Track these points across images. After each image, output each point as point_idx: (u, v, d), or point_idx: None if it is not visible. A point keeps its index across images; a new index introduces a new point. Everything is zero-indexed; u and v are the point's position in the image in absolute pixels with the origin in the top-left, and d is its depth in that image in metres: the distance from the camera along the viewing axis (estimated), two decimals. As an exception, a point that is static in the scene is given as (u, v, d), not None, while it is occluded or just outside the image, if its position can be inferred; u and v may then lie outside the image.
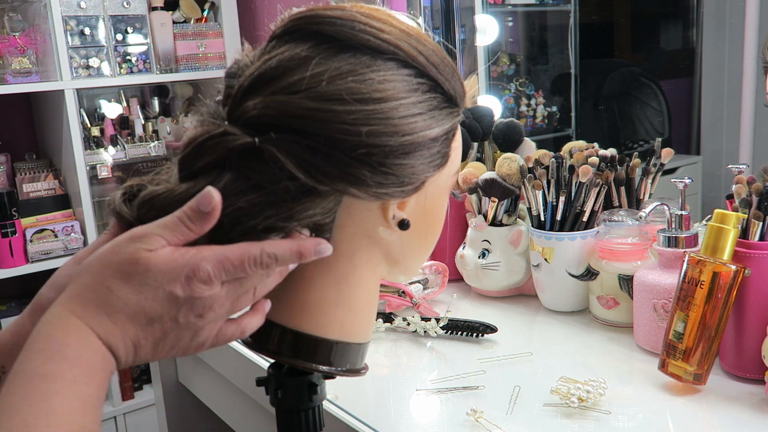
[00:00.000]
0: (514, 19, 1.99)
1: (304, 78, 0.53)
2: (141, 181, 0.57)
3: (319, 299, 0.60)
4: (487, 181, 1.05)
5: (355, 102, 0.53)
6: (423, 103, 0.56)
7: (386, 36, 0.55)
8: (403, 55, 0.56)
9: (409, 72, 0.56)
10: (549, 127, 2.00)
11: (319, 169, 0.53)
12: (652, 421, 0.71)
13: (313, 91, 0.53)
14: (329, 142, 0.52)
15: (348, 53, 0.55)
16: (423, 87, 0.57)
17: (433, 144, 0.58)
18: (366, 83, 0.54)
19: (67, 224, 2.01)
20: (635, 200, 1.05)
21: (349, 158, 0.53)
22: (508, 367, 0.86)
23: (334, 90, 0.53)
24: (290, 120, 0.52)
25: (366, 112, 0.53)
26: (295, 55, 0.54)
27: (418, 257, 0.66)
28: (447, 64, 0.59)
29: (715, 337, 0.73)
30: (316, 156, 0.53)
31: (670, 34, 1.98)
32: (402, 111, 0.55)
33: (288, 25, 0.57)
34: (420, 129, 0.56)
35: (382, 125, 0.54)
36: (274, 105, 0.53)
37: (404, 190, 0.57)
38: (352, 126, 0.53)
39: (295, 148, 0.52)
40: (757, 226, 0.74)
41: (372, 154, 0.54)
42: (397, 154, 0.55)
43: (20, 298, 2.23)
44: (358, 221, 0.59)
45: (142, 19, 2.09)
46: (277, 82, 0.54)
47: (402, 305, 1.03)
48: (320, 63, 0.54)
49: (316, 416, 0.64)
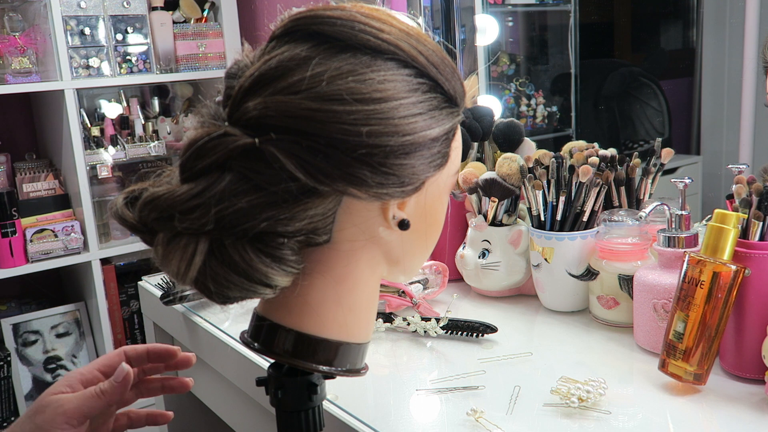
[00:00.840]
0: (514, 19, 1.99)
1: (304, 78, 0.53)
2: (143, 185, 0.57)
3: (319, 299, 0.60)
4: (487, 181, 1.05)
5: (355, 102, 0.53)
6: (423, 103, 0.56)
7: (386, 36, 0.55)
8: (403, 55, 0.56)
9: (409, 72, 0.56)
10: (549, 127, 2.00)
11: (320, 169, 0.53)
12: (652, 421, 0.71)
13: (313, 92, 0.53)
14: (329, 143, 0.52)
15: (348, 53, 0.55)
16: (423, 87, 0.57)
17: (433, 144, 0.58)
18: (366, 83, 0.53)
19: (67, 224, 2.01)
20: (635, 200, 1.05)
21: (350, 158, 0.53)
22: (508, 367, 0.86)
23: (334, 90, 0.53)
24: (290, 120, 0.52)
25: (366, 112, 0.53)
26: (295, 55, 0.54)
27: (418, 257, 0.66)
28: (447, 64, 0.59)
29: (715, 337, 0.73)
30: (317, 156, 0.53)
31: (670, 34, 1.98)
32: (402, 111, 0.55)
33: (288, 25, 0.57)
34: (420, 129, 0.56)
35: (382, 125, 0.54)
36: (274, 105, 0.53)
37: (404, 190, 0.57)
38: (352, 126, 0.53)
39: (296, 148, 0.52)
40: (757, 226, 0.74)
41: (372, 154, 0.54)
42: (398, 154, 0.55)
43: (20, 298, 2.23)
44: (358, 222, 0.59)
45: (142, 19, 2.09)
46: (277, 83, 0.54)
47: (402, 305, 1.03)
48: (320, 63, 0.54)
49: (316, 416, 0.64)
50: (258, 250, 0.54)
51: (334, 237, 0.58)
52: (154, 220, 0.54)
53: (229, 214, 0.52)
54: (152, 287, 1.24)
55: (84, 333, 2.16)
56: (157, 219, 0.54)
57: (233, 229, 0.53)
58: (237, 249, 0.54)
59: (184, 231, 0.53)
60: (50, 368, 2.10)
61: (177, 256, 0.54)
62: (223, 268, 0.54)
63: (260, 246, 0.54)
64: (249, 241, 0.54)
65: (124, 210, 0.56)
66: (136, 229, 0.56)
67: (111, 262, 2.15)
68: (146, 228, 0.56)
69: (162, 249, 0.55)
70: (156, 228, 0.55)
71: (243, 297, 0.57)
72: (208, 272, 0.54)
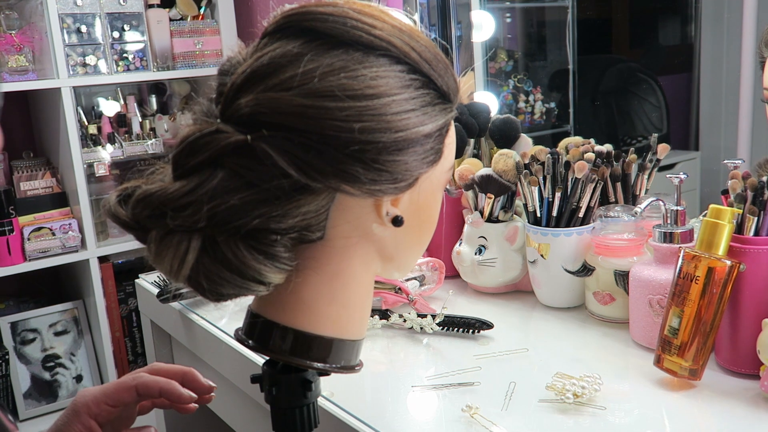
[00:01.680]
0: (512, 15, 1.99)
1: (296, 75, 0.53)
2: (136, 183, 0.57)
3: (313, 296, 0.60)
4: (484, 178, 1.05)
5: (347, 98, 0.53)
6: (416, 99, 0.56)
7: (378, 32, 0.55)
8: (395, 51, 0.56)
9: (401, 68, 0.56)
10: (547, 123, 2.00)
11: (312, 166, 0.53)
12: (647, 416, 0.71)
13: (305, 88, 0.52)
14: (321, 139, 0.52)
15: (340, 49, 0.54)
16: (416, 83, 0.57)
17: (426, 140, 0.57)
18: (358, 79, 0.53)
19: (65, 222, 2.01)
20: (631, 196, 1.04)
21: (342, 155, 0.53)
22: (503, 363, 0.86)
23: (326, 86, 0.53)
24: (282, 117, 0.52)
25: (358, 109, 0.53)
26: (287, 51, 0.54)
27: (412, 253, 0.66)
28: (440, 60, 0.59)
29: (710, 333, 0.73)
30: (309, 153, 0.52)
31: (668, 30, 1.98)
32: (394, 107, 0.54)
33: (280, 21, 0.57)
34: (413, 125, 0.56)
35: (374, 122, 0.53)
36: (266, 102, 0.53)
37: (397, 186, 0.57)
38: (344, 122, 0.52)
39: (288, 145, 0.52)
40: (752, 221, 0.74)
41: (365, 150, 0.53)
42: (390, 151, 0.55)
43: (18, 296, 2.23)
44: (351, 218, 0.59)
45: (138, 16, 2.08)
46: (269, 80, 0.54)
47: (398, 302, 1.03)
48: (312, 60, 0.54)
49: (311, 413, 0.64)
50: (251, 247, 0.54)
51: (327, 234, 0.58)
52: (146, 218, 0.54)
53: (221, 212, 0.52)
54: (149, 285, 1.24)
55: (82, 331, 2.16)
56: (149, 216, 0.54)
57: (225, 226, 0.53)
58: (230, 246, 0.54)
59: (177, 228, 0.53)
60: (48, 366, 2.10)
61: (170, 254, 0.54)
62: (215, 265, 0.54)
63: (253, 243, 0.54)
64: (242, 238, 0.54)
65: (117, 208, 0.56)
66: (129, 227, 0.56)
67: (109, 260, 2.15)
68: (139, 225, 0.55)
69: (155, 246, 0.55)
70: (149, 225, 0.55)
71: (236, 294, 0.57)
72: (201, 269, 0.54)
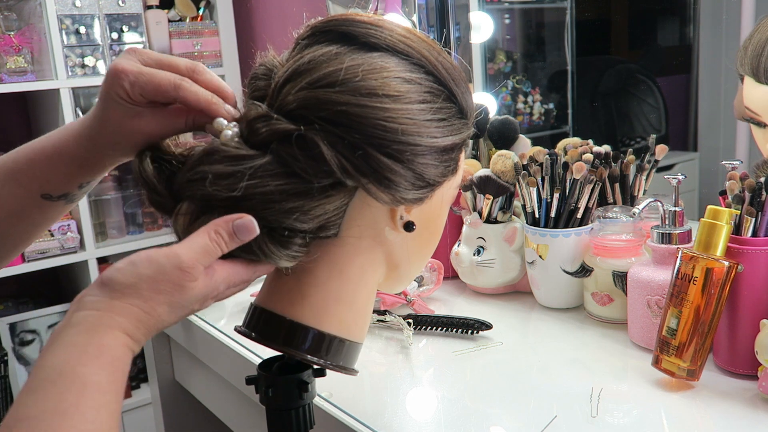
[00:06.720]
0: (511, 16, 1.99)
1: (339, 70, 0.55)
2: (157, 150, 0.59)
3: (321, 294, 0.61)
4: (482, 179, 1.05)
5: (387, 99, 0.55)
6: (444, 110, 0.59)
7: (412, 44, 0.58)
8: (426, 63, 0.58)
9: (433, 79, 0.59)
10: (546, 124, 2.00)
11: (352, 162, 0.55)
12: (645, 417, 0.71)
13: (349, 85, 0.54)
14: (364, 139, 0.54)
15: (378, 53, 0.57)
16: (443, 95, 0.59)
17: (451, 151, 0.60)
18: (397, 81, 0.56)
19: (63, 223, 2.01)
20: (629, 197, 1.04)
21: (381, 154, 0.55)
22: (503, 364, 0.86)
23: (370, 85, 0.55)
24: (328, 113, 0.54)
25: (398, 111, 0.55)
26: (327, 51, 0.57)
27: (417, 263, 0.67)
28: (463, 80, 0.61)
29: (708, 333, 0.73)
30: (352, 149, 0.54)
31: (666, 31, 1.98)
32: (429, 115, 0.57)
33: (318, 26, 0.59)
34: (443, 134, 0.58)
35: (414, 125, 0.56)
36: (312, 97, 0.55)
37: (422, 194, 0.59)
38: (386, 122, 0.54)
39: (334, 139, 0.54)
40: (750, 222, 0.74)
41: (403, 151, 0.56)
42: (426, 155, 0.57)
43: (17, 297, 2.23)
44: (366, 219, 0.60)
45: (137, 17, 2.08)
46: (313, 74, 0.55)
47: (397, 303, 1.03)
48: (353, 59, 0.56)
49: (307, 415, 0.64)
50: (268, 235, 0.56)
51: (341, 232, 0.60)
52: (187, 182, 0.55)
53: (255, 193, 0.54)
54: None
55: (81, 332, 2.16)
56: (189, 181, 0.55)
57: (253, 209, 0.54)
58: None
59: (213, 196, 0.54)
60: (47, 368, 2.10)
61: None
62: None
63: (271, 232, 0.56)
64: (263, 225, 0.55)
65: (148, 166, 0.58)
66: (153, 190, 0.57)
67: (108, 261, 2.15)
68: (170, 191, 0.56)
69: (185, 220, 0.55)
70: (184, 192, 0.56)
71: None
72: None
